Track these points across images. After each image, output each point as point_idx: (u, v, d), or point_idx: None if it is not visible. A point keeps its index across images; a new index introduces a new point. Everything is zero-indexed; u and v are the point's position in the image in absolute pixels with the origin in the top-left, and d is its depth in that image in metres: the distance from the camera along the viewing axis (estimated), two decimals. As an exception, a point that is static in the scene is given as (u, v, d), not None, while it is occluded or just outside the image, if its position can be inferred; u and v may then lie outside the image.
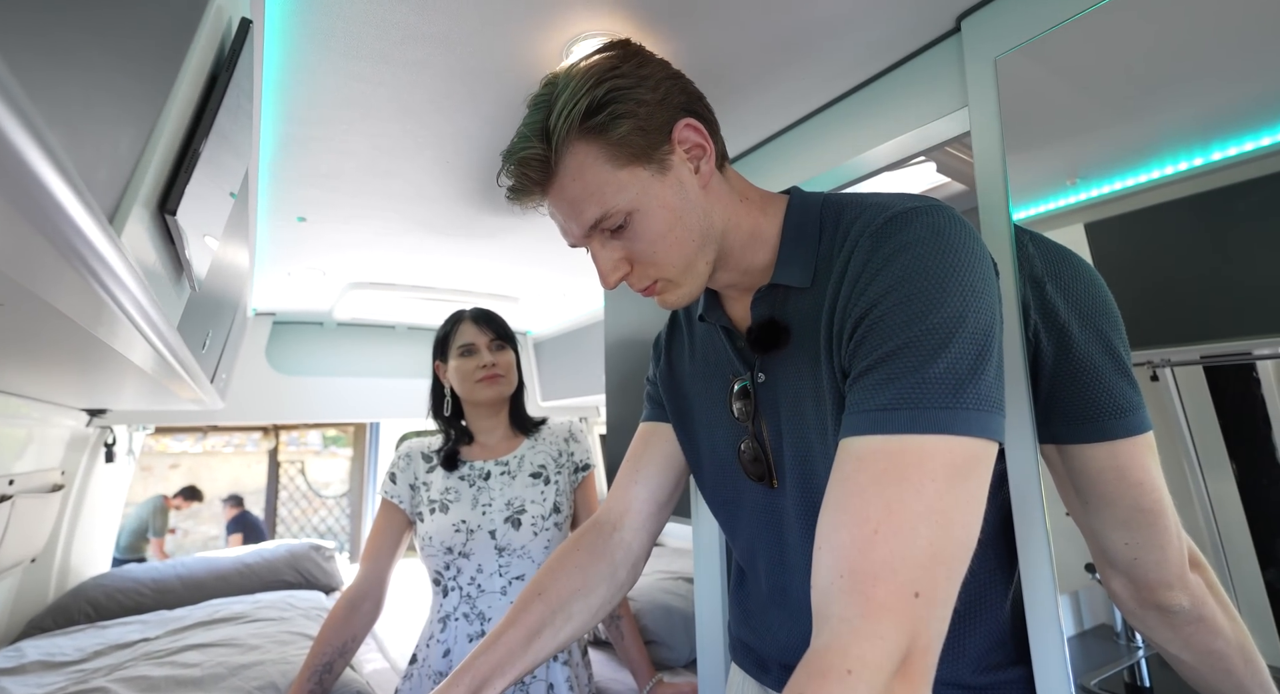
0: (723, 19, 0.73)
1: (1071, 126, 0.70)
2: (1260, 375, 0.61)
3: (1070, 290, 0.62)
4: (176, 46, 0.39)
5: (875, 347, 0.45)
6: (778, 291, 0.59)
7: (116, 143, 0.34)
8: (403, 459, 1.20)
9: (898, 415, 0.42)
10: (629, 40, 0.57)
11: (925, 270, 0.45)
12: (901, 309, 0.45)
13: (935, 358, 0.42)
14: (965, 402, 0.42)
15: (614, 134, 0.51)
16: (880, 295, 0.46)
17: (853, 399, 0.46)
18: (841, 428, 0.46)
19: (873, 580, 0.38)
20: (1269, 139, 0.55)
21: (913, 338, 0.43)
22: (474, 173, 1.15)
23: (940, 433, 0.41)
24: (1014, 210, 0.67)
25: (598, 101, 0.51)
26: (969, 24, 0.73)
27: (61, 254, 0.33)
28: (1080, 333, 0.60)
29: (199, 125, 0.46)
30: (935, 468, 0.40)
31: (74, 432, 1.89)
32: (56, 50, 0.25)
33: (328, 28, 0.71)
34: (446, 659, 1.07)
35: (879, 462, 0.42)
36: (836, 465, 0.45)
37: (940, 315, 0.43)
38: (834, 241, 0.55)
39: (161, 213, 0.43)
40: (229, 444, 6.70)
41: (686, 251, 0.55)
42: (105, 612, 1.93)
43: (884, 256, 0.48)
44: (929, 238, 0.47)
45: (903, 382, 0.43)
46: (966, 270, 0.45)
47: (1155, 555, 0.57)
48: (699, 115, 0.55)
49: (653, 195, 0.53)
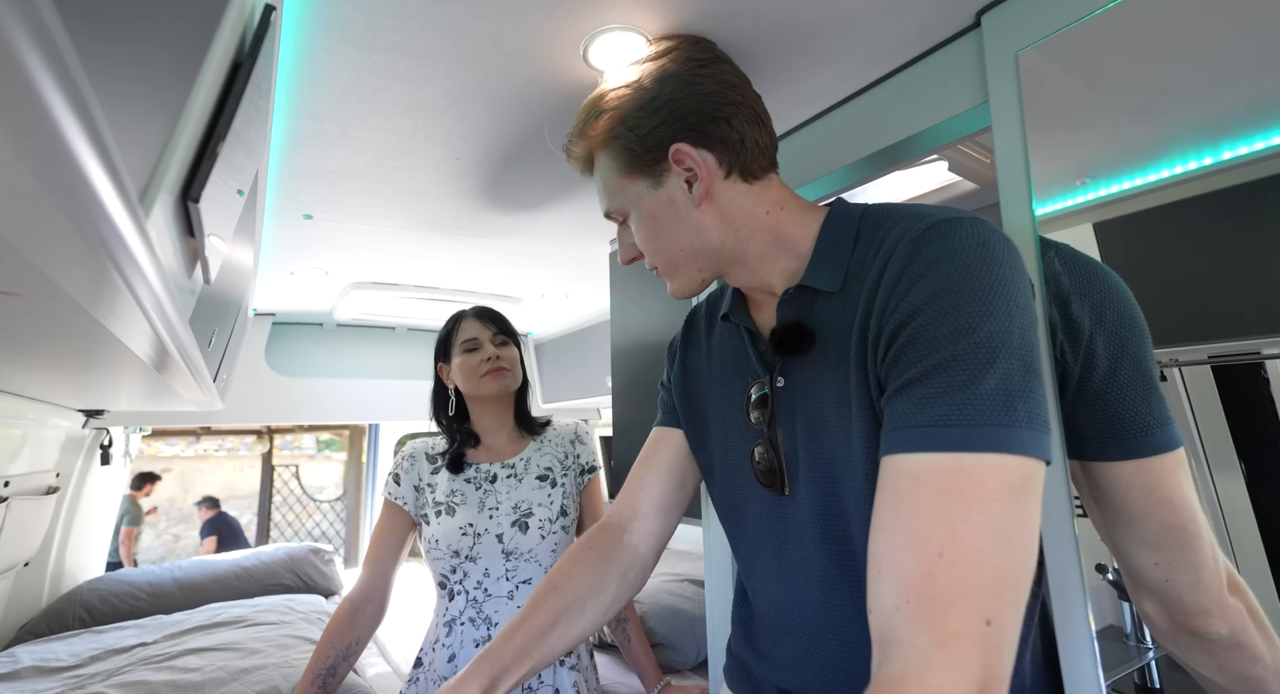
0: (743, 13, 0.73)
1: (1083, 125, 0.70)
2: (1269, 375, 0.61)
3: (1097, 307, 0.60)
4: (205, 31, 0.39)
5: (919, 358, 0.44)
6: (805, 295, 0.58)
7: (149, 126, 0.33)
8: (406, 460, 1.19)
9: (950, 432, 0.41)
10: (667, 51, 0.62)
11: (970, 281, 0.44)
12: (947, 320, 0.44)
13: (985, 373, 0.42)
14: (1018, 419, 0.41)
15: (618, 149, 0.61)
16: (922, 303, 0.45)
17: (898, 413, 0.45)
18: (885, 442, 0.45)
19: (944, 607, 0.37)
20: (1279, 138, 0.55)
21: (960, 351, 0.42)
22: (482, 170, 1.15)
23: (996, 451, 0.40)
24: (1036, 205, 0.67)
25: (609, 119, 0.60)
26: (989, 19, 0.73)
27: (89, 239, 0.32)
28: (1105, 351, 0.59)
29: (221, 113, 0.45)
30: (995, 487, 0.40)
31: (70, 433, 1.87)
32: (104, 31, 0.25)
33: (346, 18, 0.71)
34: (452, 664, 1.05)
35: (935, 480, 0.41)
36: (886, 483, 0.43)
37: (987, 329, 0.43)
38: (869, 247, 0.54)
39: (184, 201, 0.42)
40: (222, 448, 6.65)
41: (671, 258, 0.63)
42: (100, 616, 1.91)
43: (925, 262, 0.47)
44: (974, 248, 0.46)
45: (954, 397, 0.42)
46: (1011, 284, 0.45)
47: (1189, 578, 0.55)
48: (705, 137, 0.58)
49: (644, 205, 0.61)
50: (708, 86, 0.59)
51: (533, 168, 1.15)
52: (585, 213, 1.41)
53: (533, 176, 1.19)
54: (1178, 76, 0.62)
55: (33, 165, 0.25)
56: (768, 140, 0.62)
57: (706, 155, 0.58)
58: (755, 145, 0.60)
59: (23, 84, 0.19)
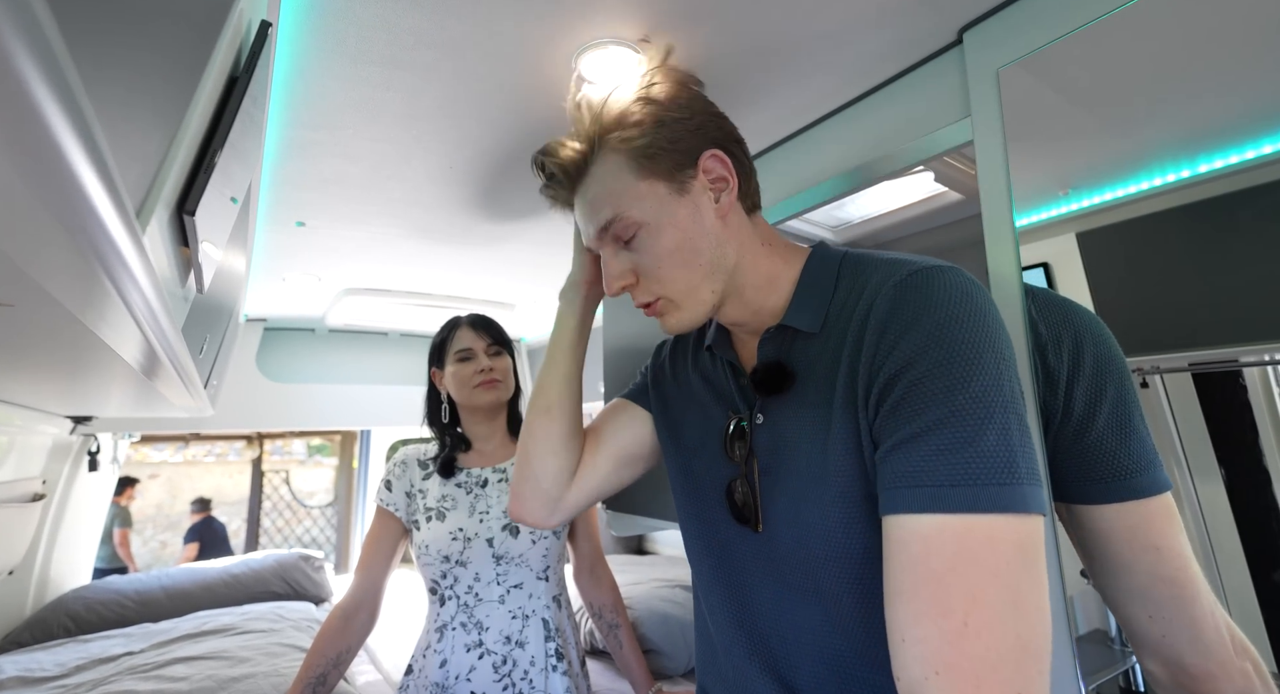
0: (728, 29, 0.75)
1: (1064, 138, 0.72)
2: (1246, 382, 0.63)
3: (1075, 354, 0.60)
4: (202, 48, 0.40)
5: (917, 413, 0.44)
6: (786, 335, 0.58)
7: (146, 140, 0.33)
8: (398, 466, 1.19)
9: (958, 493, 0.41)
10: (680, 75, 0.60)
11: (958, 333, 0.45)
12: (940, 373, 0.44)
13: (984, 429, 0.42)
14: (1020, 476, 0.41)
15: (641, 146, 0.55)
16: (914, 355, 0.45)
17: (900, 470, 0.44)
18: (889, 500, 0.45)
19: (974, 682, 0.38)
20: (1253, 152, 0.57)
21: (958, 407, 0.43)
22: (476, 179, 1.16)
23: (1003, 512, 0.40)
24: (1017, 217, 0.69)
25: (634, 115, 0.56)
26: (971, 36, 0.75)
27: (83, 249, 0.33)
28: (1083, 396, 0.59)
29: (217, 127, 0.46)
30: (1006, 550, 0.40)
31: (57, 439, 1.85)
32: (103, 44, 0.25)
33: (340, 32, 0.71)
34: (443, 670, 1.05)
35: (948, 544, 0.41)
36: (897, 545, 0.43)
37: (980, 383, 0.43)
38: (850, 291, 0.54)
39: (180, 214, 0.43)
40: (210, 453, 6.58)
41: (691, 274, 0.57)
42: (86, 625, 1.89)
43: (912, 311, 0.47)
44: (959, 299, 0.46)
45: (957, 455, 0.42)
46: (995, 336, 0.45)
47: (1186, 634, 0.53)
48: (731, 153, 0.58)
49: (666, 212, 0.56)
50: (717, 109, 0.60)
51: (527, 176, 1.16)
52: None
53: (526, 185, 1.20)
54: (1155, 92, 0.64)
55: (32, 182, 0.25)
56: (758, 181, 0.63)
57: (736, 170, 0.58)
58: (753, 176, 0.61)
59: (23, 102, 0.20)
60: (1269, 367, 0.61)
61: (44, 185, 0.26)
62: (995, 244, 0.70)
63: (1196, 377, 0.64)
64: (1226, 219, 0.59)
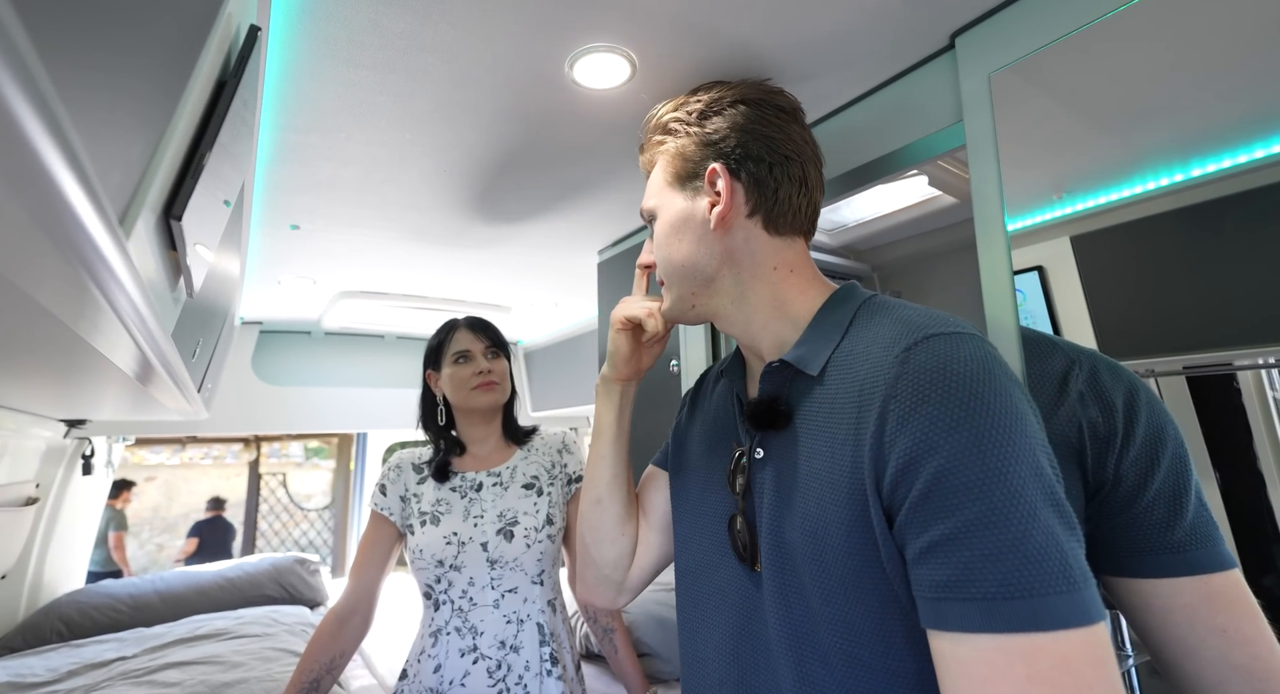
0: (721, 35, 0.75)
1: (1058, 142, 0.72)
2: (1240, 385, 0.63)
3: (1129, 416, 0.56)
4: (189, 52, 0.39)
5: (950, 510, 0.40)
6: (787, 371, 0.57)
7: (129, 146, 0.33)
8: (393, 471, 1.19)
9: (1014, 607, 0.38)
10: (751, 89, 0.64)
11: (986, 413, 0.41)
12: (971, 464, 0.40)
13: (1029, 529, 0.38)
14: (1075, 581, 0.38)
15: (663, 152, 0.65)
16: (937, 435, 0.41)
17: (942, 579, 0.40)
18: (934, 612, 0.41)
19: None
20: (1245, 156, 0.57)
21: (997, 505, 0.39)
22: (471, 182, 1.16)
23: (1066, 627, 0.37)
24: (1009, 221, 0.69)
25: (667, 125, 0.65)
26: (963, 41, 0.75)
27: (67, 256, 0.33)
28: (1136, 463, 0.54)
29: (205, 131, 0.46)
30: (1085, 672, 0.37)
31: (51, 443, 1.84)
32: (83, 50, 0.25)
33: (331, 36, 0.71)
34: (438, 675, 1.04)
35: (1016, 668, 0.37)
36: (956, 666, 0.40)
37: (1017, 473, 0.39)
38: (859, 341, 0.52)
39: (167, 218, 0.43)
40: (207, 456, 6.56)
41: (671, 269, 0.64)
42: (79, 630, 1.87)
43: (931, 382, 0.43)
44: (980, 375, 0.43)
45: (1004, 562, 0.38)
46: (1024, 415, 0.42)
47: None
48: (741, 170, 0.60)
49: (670, 210, 0.64)
50: (769, 131, 0.60)
51: (522, 180, 1.16)
52: (574, 224, 1.42)
53: (522, 188, 1.20)
54: (1146, 97, 0.64)
55: (10, 190, 0.25)
56: (804, 205, 0.61)
57: (736, 187, 0.59)
58: (787, 201, 0.60)
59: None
60: (1262, 370, 0.61)
61: (22, 193, 0.26)
62: (987, 248, 0.70)
63: (1191, 380, 0.64)
64: (1219, 223, 0.59)
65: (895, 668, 0.46)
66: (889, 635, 0.46)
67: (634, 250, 1.48)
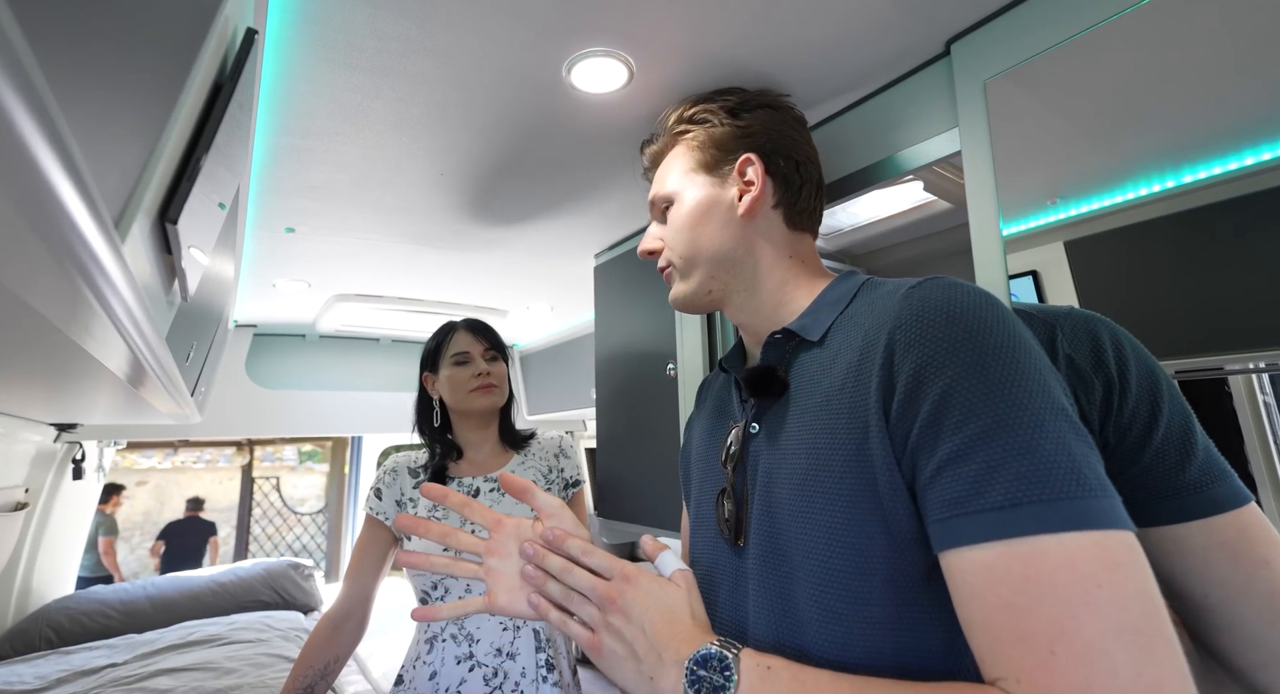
0: (718, 41, 0.75)
1: (1052, 148, 0.72)
2: (1231, 389, 0.63)
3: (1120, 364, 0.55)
4: (186, 55, 0.39)
5: (956, 427, 0.40)
6: (789, 343, 0.58)
7: (126, 149, 0.33)
8: (389, 474, 1.18)
9: (1021, 513, 0.36)
10: (772, 96, 0.69)
11: (989, 333, 0.41)
12: (977, 378, 0.40)
13: (1037, 437, 0.37)
14: (1089, 487, 0.36)
15: (694, 140, 0.66)
16: (942, 354, 0.41)
17: (948, 497, 0.40)
18: (942, 534, 0.40)
19: None
20: (1236, 163, 0.58)
21: (1003, 415, 0.38)
22: (466, 185, 1.15)
23: (1078, 529, 0.35)
24: (1004, 226, 0.69)
25: (700, 116, 0.66)
26: (959, 48, 0.75)
27: (62, 260, 0.32)
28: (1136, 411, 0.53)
29: (201, 134, 0.46)
30: (1098, 572, 0.35)
31: (40, 447, 1.82)
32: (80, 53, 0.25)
33: (328, 39, 0.71)
34: (433, 682, 1.04)
35: (1015, 570, 0.36)
36: (958, 580, 0.39)
37: (1024, 386, 0.39)
38: (861, 306, 0.54)
39: (162, 222, 0.42)
40: (199, 460, 6.51)
41: (694, 255, 0.64)
42: (69, 636, 1.85)
43: (934, 310, 0.44)
44: (982, 304, 0.43)
45: (1011, 469, 0.37)
46: (1029, 340, 0.42)
47: None
48: (774, 163, 0.63)
49: (694, 194, 0.65)
50: (793, 134, 0.65)
51: (519, 184, 1.16)
52: (571, 227, 1.42)
53: (519, 192, 1.20)
54: (1139, 104, 0.65)
55: (6, 194, 0.25)
56: (818, 207, 0.66)
57: (768, 177, 0.63)
58: (806, 200, 0.65)
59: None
60: (1253, 374, 0.62)
61: (18, 198, 0.25)
62: (982, 252, 0.71)
63: (1184, 384, 0.65)
64: (1210, 229, 0.60)
65: (872, 615, 0.45)
66: (869, 581, 0.45)
67: (631, 254, 1.48)
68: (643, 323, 1.39)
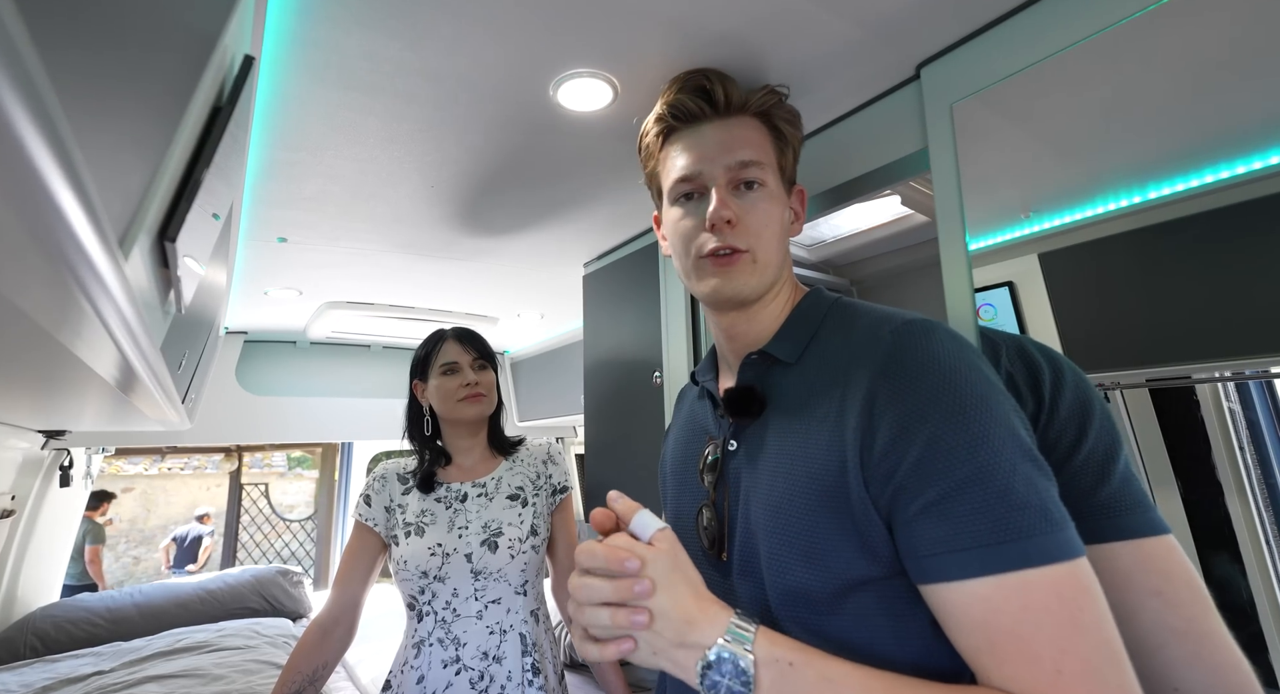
0: (700, 61, 0.78)
1: (1022, 165, 0.75)
2: (1199, 398, 0.66)
3: (1054, 389, 0.59)
4: (187, 82, 0.41)
5: (942, 473, 0.44)
6: (766, 362, 0.61)
7: (130, 172, 0.35)
8: (378, 481, 1.19)
9: (1006, 550, 0.41)
10: None
11: (966, 384, 0.46)
12: (959, 428, 0.44)
13: (1011, 481, 0.43)
14: (1055, 522, 0.42)
15: (793, 140, 0.67)
16: (925, 404, 0.46)
17: (936, 535, 0.44)
18: (929, 568, 0.44)
19: None
20: (1197, 181, 0.61)
21: (983, 463, 0.43)
22: (457, 197, 1.18)
23: (1054, 562, 0.41)
24: (971, 241, 0.72)
25: (788, 116, 0.67)
26: (928, 72, 0.79)
27: (68, 281, 0.34)
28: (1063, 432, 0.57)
29: (200, 155, 0.47)
30: (1080, 598, 0.41)
31: (28, 454, 1.82)
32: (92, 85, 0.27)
33: (322, 61, 0.73)
34: (421, 686, 1.05)
35: (1012, 600, 0.41)
36: (957, 611, 0.43)
37: (998, 434, 0.44)
38: (835, 332, 0.57)
39: (161, 240, 0.44)
40: (187, 466, 6.44)
41: (774, 250, 0.62)
42: (55, 644, 1.84)
43: (916, 360, 0.48)
44: (956, 352, 0.48)
45: (992, 513, 0.42)
46: (997, 384, 0.47)
47: None
48: None
49: (778, 190, 0.65)
50: None
51: (508, 196, 1.18)
52: (559, 238, 1.44)
53: (508, 204, 1.22)
54: (1103, 125, 0.68)
55: (18, 217, 0.27)
56: None
57: None
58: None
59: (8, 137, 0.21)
60: (1218, 383, 0.65)
61: (30, 221, 0.27)
62: (950, 267, 0.74)
63: (1154, 392, 0.68)
64: (1174, 243, 0.62)
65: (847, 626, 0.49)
66: (841, 602, 0.49)
67: (619, 263, 1.50)
68: (630, 332, 1.41)
